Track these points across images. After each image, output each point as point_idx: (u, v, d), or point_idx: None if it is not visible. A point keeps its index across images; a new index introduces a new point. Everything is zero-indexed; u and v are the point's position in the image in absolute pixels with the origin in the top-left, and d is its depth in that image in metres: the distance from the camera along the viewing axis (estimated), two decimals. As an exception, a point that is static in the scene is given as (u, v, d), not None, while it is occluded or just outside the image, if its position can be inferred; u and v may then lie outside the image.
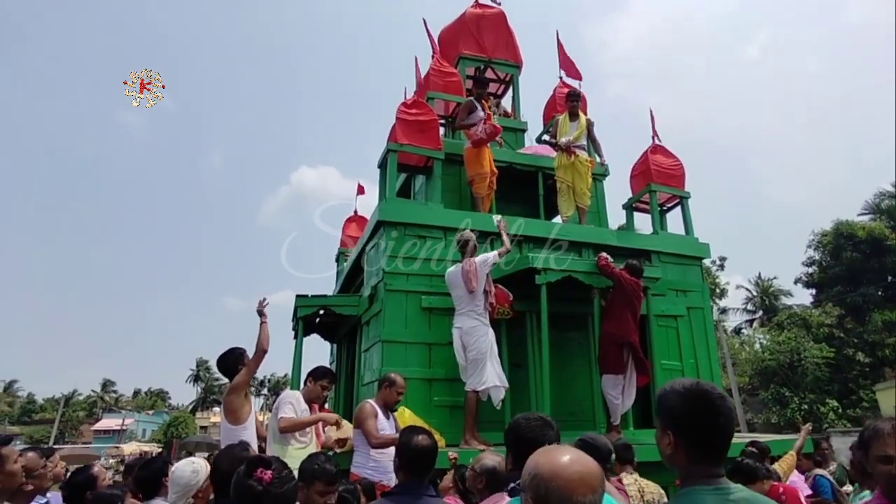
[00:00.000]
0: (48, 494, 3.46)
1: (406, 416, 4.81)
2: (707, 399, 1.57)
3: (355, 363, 6.92)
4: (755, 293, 33.01)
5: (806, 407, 22.33)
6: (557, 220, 7.50)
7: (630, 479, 3.69)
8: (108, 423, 54.97)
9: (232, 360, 4.21)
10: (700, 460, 1.60)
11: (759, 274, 33.19)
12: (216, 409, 57.31)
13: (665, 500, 3.59)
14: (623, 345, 5.49)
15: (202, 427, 49.21)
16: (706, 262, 8.40)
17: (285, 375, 52.54)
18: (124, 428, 51.02)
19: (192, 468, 2.70)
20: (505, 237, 5.59)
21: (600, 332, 5.75)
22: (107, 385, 79.11)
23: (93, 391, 73.30)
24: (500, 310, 5.59)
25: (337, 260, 9.79)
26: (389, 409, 4.52)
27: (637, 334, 5.56)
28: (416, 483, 2.55)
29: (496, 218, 6.06)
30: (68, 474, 3.63)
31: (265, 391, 66.91)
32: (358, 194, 10.59)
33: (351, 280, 7.89)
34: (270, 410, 5.18)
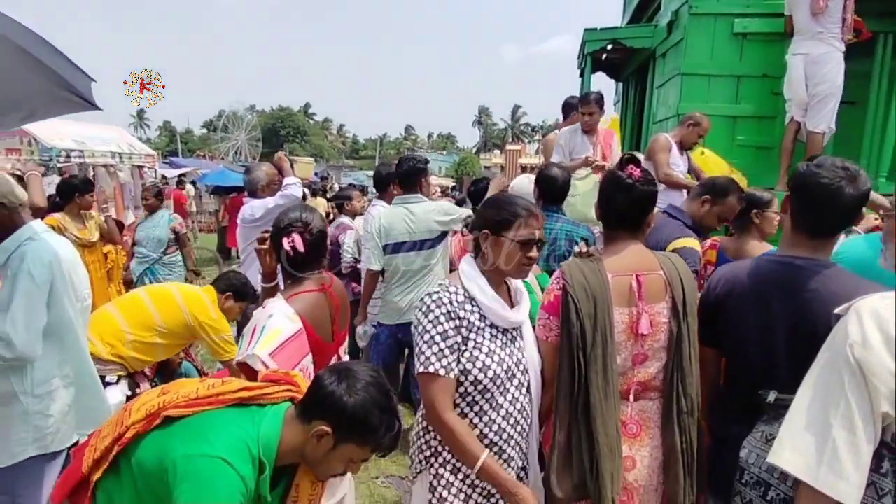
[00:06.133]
0: None
1: (707, 157, 4.46)
2: None
3: (645, 101, 6.47)
4: None
5: None
6: None
7: None
8: (412, 160, 64.65)
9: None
10: None
11: None
12: (496, 151, 62.74)
13: None
14: None
15: (485, 167, 54.61)
16: None
17: (557, 121, 53.42)
18: (424, 165, 59.66)
19: (530, 180, 3.35)
20: None
21: None
22: (408, 129, 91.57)
23: (399, 134, 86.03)
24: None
25: (624, -13, 8.64)
26: (685, 148, 4.25)
27: None
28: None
29: None
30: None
31: (538, 136, 69.87)
32: None
33: (642, 10, 6.97)
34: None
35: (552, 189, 3.06)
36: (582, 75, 6.55)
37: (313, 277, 2.05)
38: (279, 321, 1.88)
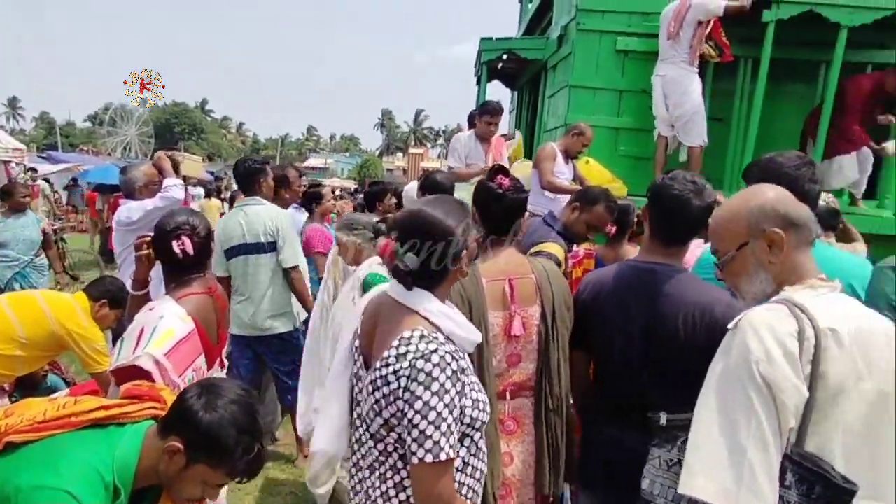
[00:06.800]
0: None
1: (590, 166, 4.74)
2: None
3: (537, 110, 6.77)
4: None
5: None
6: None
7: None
8: (314, 161, 63.56)
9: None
10: None
11: None
12: (398, 154, 63.10)
13: None
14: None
15: (388, 170, 54.60)
16: None
17: (458, 125, 54.67)
18: (327, 166, 58.75)
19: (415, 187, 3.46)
20: None
21: (850, 85, 4.76)
22: (310, 129, 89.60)
23: (301, 134, 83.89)
24: (709, 51, 4.79)
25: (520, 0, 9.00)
26: (571, 156, 4.51)
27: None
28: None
29: None
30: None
31: (441, 141, 70.99)
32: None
33: (536, 22, 7.29)
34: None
35: (438, 193, 3.11)
36: (479, 83, 6.74)
37: (200, 280, 2.06)
38: (171, 322, 1.86)
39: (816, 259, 1.32)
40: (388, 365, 1.31)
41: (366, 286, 2.72)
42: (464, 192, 4.15)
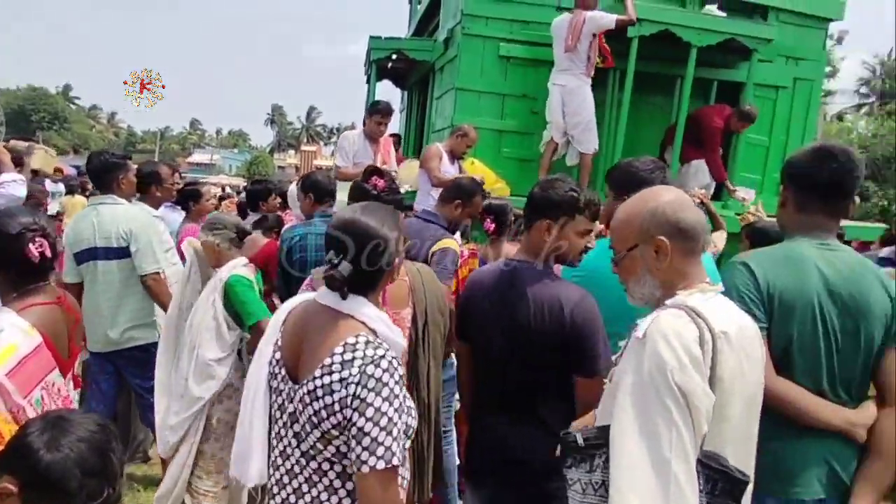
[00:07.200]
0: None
1: (475, 167, 4.90)
2: (823, 148, 1.52)
3: (426, 110, 6.88)
4: (877, 74, 29.24)
5: (885, 203, 21.26)
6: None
7: None
8: (200, 157, 59.95)
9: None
10: (806, 209, 1.55)
11: (893, 53, 28.77)
12: (290, 151, 61.24)
13: None
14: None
15: (280, 167, 52.83)
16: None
17: (353, 124, 54.09)
18: (213, 162, 55.65)
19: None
20: (630, 3, 4.80)
21: (705, 119, 5.30)
22: (194, 123, 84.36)
23: (183, 127, 78.60)
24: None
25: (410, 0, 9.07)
26: (456, 157, 4.65)
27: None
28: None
29: None
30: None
31: (335, 139, 69.83)
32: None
33: (426, 22, 7.40)
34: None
35: (320, 194, 3.07)
36: (368, 82, 6.73)
37: (47, 289, 1.86)
38: (12, 336, 1.66)
39: None
40: (332, 373, 1.27)
41: (227, 289, 2.60)
42: (345, 193, 4.19)
